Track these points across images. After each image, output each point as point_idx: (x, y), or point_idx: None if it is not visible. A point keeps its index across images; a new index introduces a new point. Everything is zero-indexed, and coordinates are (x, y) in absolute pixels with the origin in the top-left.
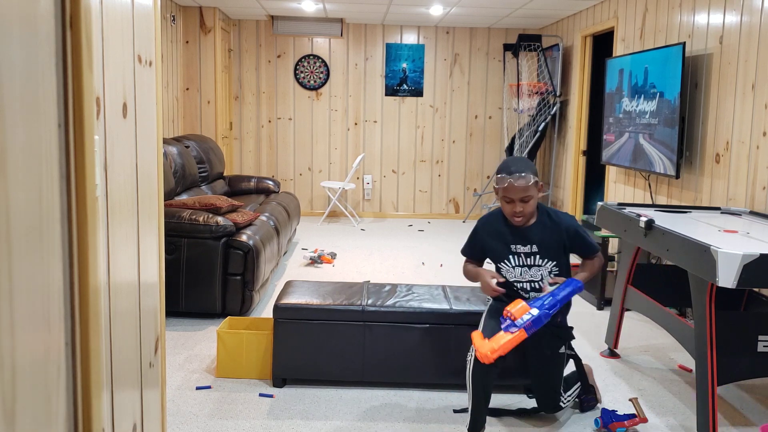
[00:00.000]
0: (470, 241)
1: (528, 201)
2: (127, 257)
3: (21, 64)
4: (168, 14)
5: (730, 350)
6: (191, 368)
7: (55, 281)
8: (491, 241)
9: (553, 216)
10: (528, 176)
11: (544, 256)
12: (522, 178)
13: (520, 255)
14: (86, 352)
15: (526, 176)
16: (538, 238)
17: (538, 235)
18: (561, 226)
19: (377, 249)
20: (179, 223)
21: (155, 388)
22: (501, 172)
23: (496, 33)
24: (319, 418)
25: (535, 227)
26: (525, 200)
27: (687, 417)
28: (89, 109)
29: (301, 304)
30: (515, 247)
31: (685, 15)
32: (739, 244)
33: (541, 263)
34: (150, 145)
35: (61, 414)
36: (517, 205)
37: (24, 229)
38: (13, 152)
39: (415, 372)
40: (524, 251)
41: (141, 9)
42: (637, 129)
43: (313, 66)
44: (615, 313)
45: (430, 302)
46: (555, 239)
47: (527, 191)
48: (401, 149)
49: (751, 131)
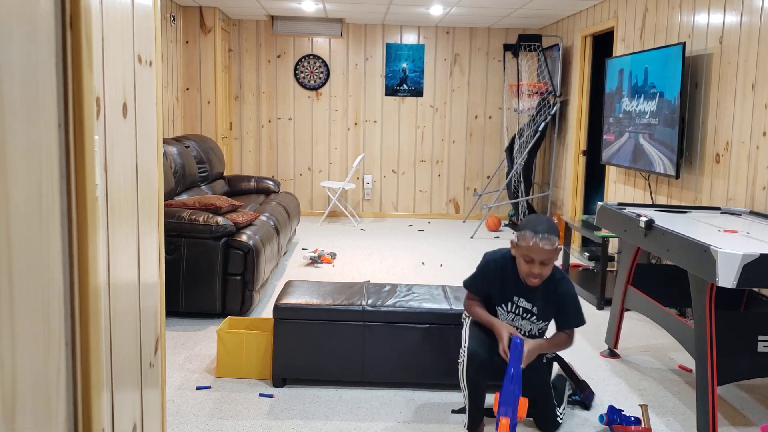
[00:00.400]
0: (478, 276)
1: (548, 264)
2: (127, 257)
3: (21, 64)
4: (168, 14)
5: (730, 350)
6: (191, 368)
7: (55, 281)
8: (497, 283)
9: (557, 282)
10: (554, 240)
11: (540, 318)
12: (549, 242)
13: (519, 307)
14: (86, 352)
15: (552, 240)
16: (542, 302)
17: (542, 300)
18: (559, 293)
19: (377, 249)
20: (179, 223)
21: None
22: (526, 229)
23: (496, 33)
24: (319, 418)
25: (541, 291)
26: (545, 263)
27: (687, 417)
28: (89, 109)
29: (301, 304)
30: (518, 300)
31: (685, 15)
32: (739, 244)
33: (534, 321)
34: (150, 145)
35: (61, 414)
36: (536, 267)
37: (24, 229)
38: (13, 152)
39: (415, 372)
40: (524, 306)
41: (141, 9)
42: (637, 129)
43: (313, 66)
44: (615, 313)
45: (430, 302)
46: (553, 305)
47: (550, 255)
48: (401, 149)
49: (751, 131)
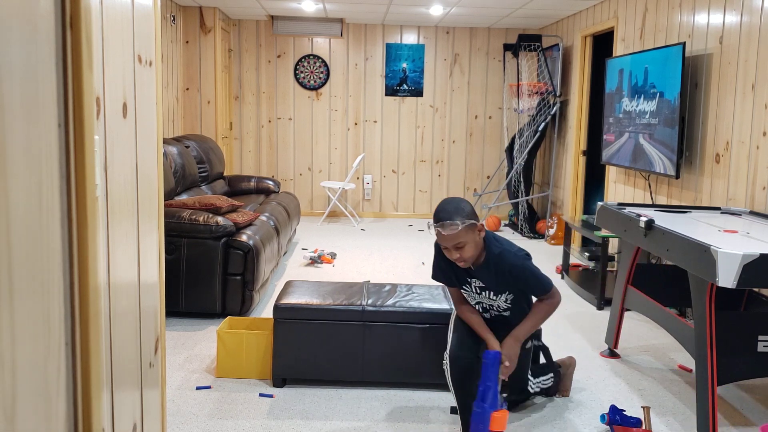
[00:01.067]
0: (436, 267)
1: (463, 247)
2: (127, 257)
3: (21, 64)
4: (168, 14)
5: (730, 350)
6: (191, 368)
7: (55, 281)
8: (450, 269)
9: (497, 258)
10: (456, 224)
11: (498, 292)
12: (450, 227)
13: (475, 287)
14: (86, 352)
15: (454, 224)
16: (486, 279)
17: (485, 277)
18: (505, 269)
19: (377, 249)
20: (179, 223)
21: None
22: (432, 221)
23: (496, 33)
24: (319, 418)
25: (481, 270)
26: (459, 246)
27: (687, 417)
28: (89, 109)
29: (301, 304)
30: (471, 280)
31: (685, 15)
32: (739, 244)
33: (495, 297)
34: (150, 145)
35: (61, 414)
36: (453, 253)
37: (24, 229)
38: (13, 152)
39: (415, 372)
40: (477, 285)
41: (141, 9)
42: (637, 129)
43: (313, 66)
44: (615, 313)
45: (430, 302)
46: (501, 280)
47: (458, 239)
48: (401, 149)
49: (751, 131)
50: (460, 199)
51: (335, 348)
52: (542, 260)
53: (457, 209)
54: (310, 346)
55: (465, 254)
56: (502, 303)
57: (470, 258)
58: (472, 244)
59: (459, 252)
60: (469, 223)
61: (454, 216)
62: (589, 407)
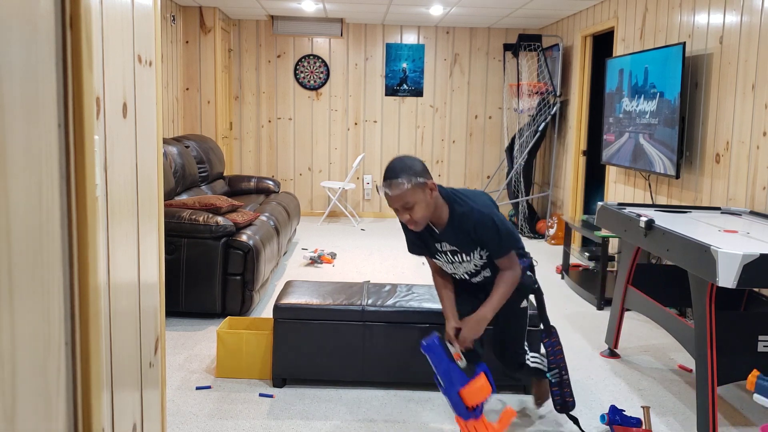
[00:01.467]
0: (407, 240)
1: (412, 208)
2: (127, 257)
3: (21, 64)
4: (168, 14)
5: (730, 350)
6: (191, 368)
7: (55, 281)
8: (418, 239)
9: (461, 217)
10: (402, 182)
11: (468, 251)
12: (396, 186)
13: (446, 252)
14: (86, 352)
15: (400, 182)
16: (454, 240)
17: (452, 239)
18: (469, 227)
19: (377, 249)
20: (179, 223)
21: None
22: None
23: (496, 33)
24: (319, 418)
25: (449, 229)
26: (408, 207)
27: (687, 417)
28: (89, 109)
29: (301, 304)
30: (440, 245)
31: (685, 15)
32: (739, 244)
33: (468, 258)
34: (150, 145)
35: (61, 414)
36: (403, 215)
37: (24, 229)
38: (13, 152)
39: (415, 372)
40: (448, 249)
41: (141, 9)
42: (637, 129)
43: (313, 66)
44: (615, 313)
45: (430, 302)
46: (469, 239)
47: (405, 198)
48: (401, 149)
49: (751, 131)
50: (411, 157)
51: (335, 348)
52: (542, 260)
53: (404, 167)
54: (310, 346)
55: (415, 215)
56: (479, 261)
57: (422, 219)
58: (422, 204)
59: (409, 213)
60: (418, 182)
61: (401, 174)
62: (589, 407)
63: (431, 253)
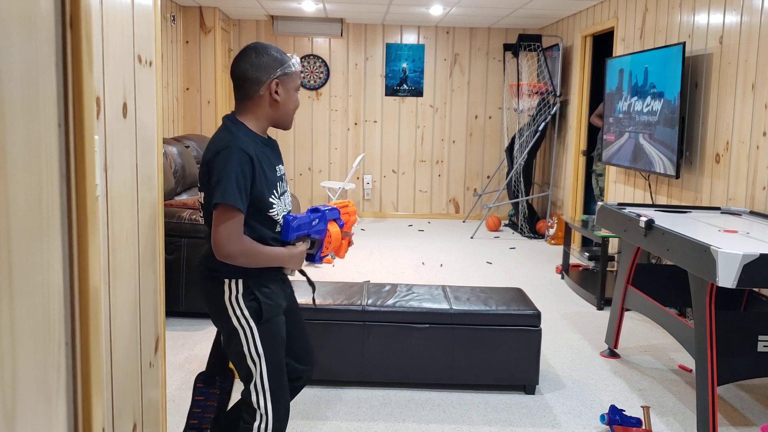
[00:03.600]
0: (240, 179)
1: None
2: (127, 257)
3: (21, 64)
4: (168, 14)
5: (730, 350)
6: (191, 368)
7: (55, 281)
8: (259, 167)
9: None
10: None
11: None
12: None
13: (282, 177)
14: (86, 352)
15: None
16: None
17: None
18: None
19: (377, 249)
20: (179, 223)
21: (155, 388)
22: (284, 56)
23: (496, 33)
24: (319, 418)
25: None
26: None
27: (687, 417)
28: (89, 109)
29: (301, 304)
30: (279, 169)
31: (685, 15)
32: (739, 244)
33: (286, 187)
34: (150, 145)
35: (61, 414)
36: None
37: (24, 229)
38: (13, 152)
39: (414, 372)
40: (283, 171)
41: (141, 9)
42: (637, 129)
43: (313, 66)
44: (615, 313)
45: (430, 302)
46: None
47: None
48: (401, 149)
49: (751, 131)
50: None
51: (335, 348)
52: (542, 260)
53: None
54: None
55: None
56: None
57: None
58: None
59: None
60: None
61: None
62: (589, 407)
63: (270, 185)
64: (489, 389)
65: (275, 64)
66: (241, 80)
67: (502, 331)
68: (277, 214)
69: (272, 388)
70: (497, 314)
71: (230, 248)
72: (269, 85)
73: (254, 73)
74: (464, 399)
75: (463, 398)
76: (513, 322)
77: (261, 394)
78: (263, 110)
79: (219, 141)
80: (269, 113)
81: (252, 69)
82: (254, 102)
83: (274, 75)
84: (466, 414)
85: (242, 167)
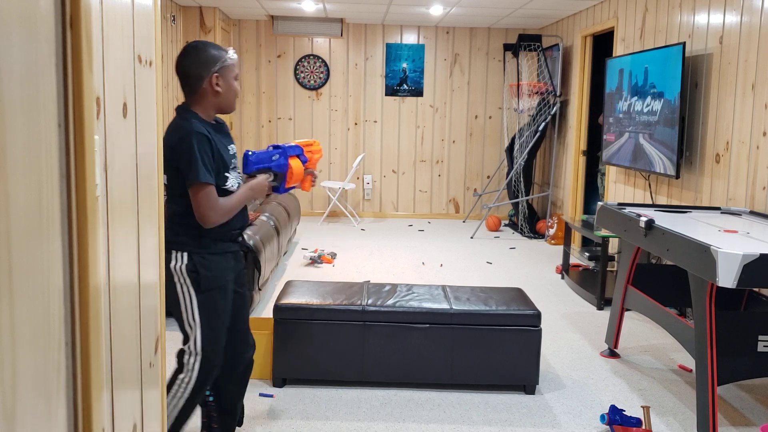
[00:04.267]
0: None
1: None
2: (127, 257)
3: (21, 64)
4: (168, 14)
5: (730, 350)
6: None
7: (55, 281)
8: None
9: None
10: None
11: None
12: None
13: (234, 155)
14: (86, 352)
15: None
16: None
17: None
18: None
19: (377, 249)
20: None
21: (155, 388)
22: (221, 51)
23: (496, 33)
24: (319, 418)
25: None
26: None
27: (687, 417)
28: (89, 109)
29: (301, 304)
30: (231, 148)
31: (685, 15)
32: (739, 244)
33: (236, 164)
34: (150, 146)
35: (61, 414)
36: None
37: (24, 229)
38: (13, 152)
39: (414, 372)
40: (234, 150)
41: (141, 9)
42: (637, 129)
43: (313, 66)
44: (615, 313)
45: (430, 302)
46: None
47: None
48: (401, 149)
49: (751, 131)
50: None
51: (335, 348)
52: (542, 260)
53: None
54: (310, 346)
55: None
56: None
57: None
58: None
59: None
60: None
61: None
62: (589, 407)
63: (227, 164)
64: (489, 389)
65: (214, 60)
66: (186, 77)
67: (502, 331)
68: (232, 186)
69: (204, 354)
70: (497, 314)
71: (214, 215)
72: (210, 80)
73: (196, 71)
74: (464, 399)
75: (463, 398)
76: (513, 322)
77: (192, 356)
78: (208, 100)
79: (180, 128)
80: (214, 102)
81: (193, 67)
82: (199, 95)
83: (214, 69)
84: (466, 414)
85: (204, 148)
